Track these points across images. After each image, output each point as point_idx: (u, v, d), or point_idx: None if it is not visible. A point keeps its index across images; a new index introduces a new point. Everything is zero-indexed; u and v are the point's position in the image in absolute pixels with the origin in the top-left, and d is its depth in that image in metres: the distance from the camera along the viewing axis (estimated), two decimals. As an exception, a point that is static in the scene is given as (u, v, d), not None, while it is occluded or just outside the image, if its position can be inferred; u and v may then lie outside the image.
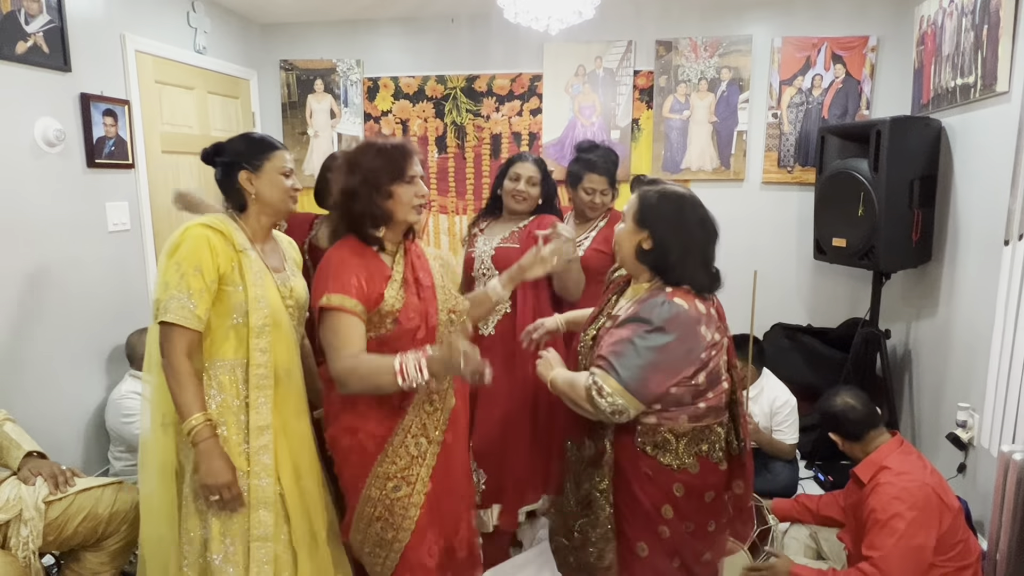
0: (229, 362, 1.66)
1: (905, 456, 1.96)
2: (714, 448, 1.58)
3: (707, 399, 1.54)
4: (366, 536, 1.68)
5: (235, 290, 1.64)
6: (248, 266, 1.66)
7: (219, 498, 1.60)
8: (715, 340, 1.52)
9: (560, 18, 2.51)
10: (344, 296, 1.56)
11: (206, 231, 1.63)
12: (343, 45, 3.88)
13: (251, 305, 1.64)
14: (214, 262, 1.61)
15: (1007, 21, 2.23)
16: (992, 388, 2.25)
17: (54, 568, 2.09)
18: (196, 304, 1.58)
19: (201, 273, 1.59)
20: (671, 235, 1.52)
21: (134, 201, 2.91)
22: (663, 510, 1.55)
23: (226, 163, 1.72)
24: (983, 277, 2.43)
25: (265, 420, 1.66)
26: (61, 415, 2.54)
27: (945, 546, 1.85)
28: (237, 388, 1.66)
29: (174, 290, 1.58)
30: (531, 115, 3.76)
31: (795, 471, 2.91)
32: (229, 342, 1.66)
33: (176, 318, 1.57)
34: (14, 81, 2.32)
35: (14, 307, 2.35)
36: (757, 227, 3.60)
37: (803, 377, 3.28)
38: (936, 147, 2.79)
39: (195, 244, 1.60)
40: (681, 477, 1.54)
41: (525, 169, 2.37)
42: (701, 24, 3.54)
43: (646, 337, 1.46)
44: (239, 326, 1.65)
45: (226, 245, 1.64)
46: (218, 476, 1.58)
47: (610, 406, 1.46)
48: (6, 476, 1.92)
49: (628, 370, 1.46)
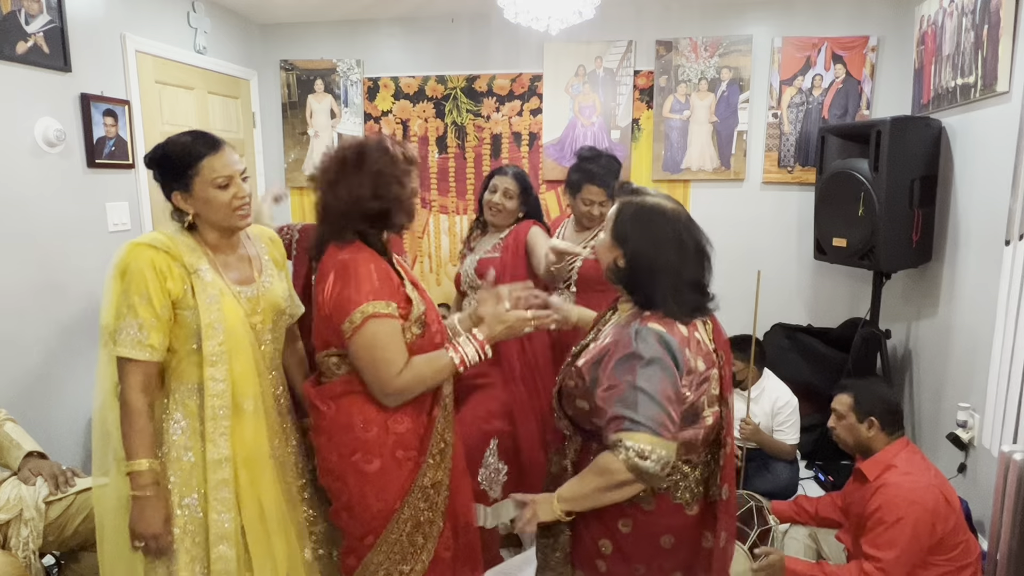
0: (195, 386, 1.54)
1: (911, 456, 1.96)
2: (677, 487, 1.41)
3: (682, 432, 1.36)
4: (388, 558, 1.58)
5: (191, 314, 1.51)
6: (201, 288, 1.51)
7: (144, 545, 1.50)
8: (698, 369, 1.36)
9: (560, 18, 2.52)
10: (383, 302, 1.47)
11: (150, 253, 1.48)
12: (343, 45, 3.88)
13: (204, 332, 1.49)
14: (163, 288, 1.47)
15: (1007, 21, 2.23)
16: (992, 388, 2.25)
17: (54, 568, 2.09)
18: (148, 334, 1.45)
19: (150, 301, 1.45)
20: (643, 254, 1.38)
21: (134, 201, 2.91)
22: (600, 544, 1.43)
23: (160, 181, 1.56)
24: (983, 277, 2.43)
25: (222, 453, 1.53)
26: (61, 415, 2.54)
27: (947, 546, 1.85)
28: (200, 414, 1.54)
29: (123, 320, 1.46)
30: (531, 115, 3.76)
31: (795, 471, 2.91)
32: (193, 366, 1.54)
33: (129, 351, 1.45)
34: (14, 81, 2.32)
35: (14, 307, 2.35)
36: (757, 227, 3.60)
37: (803, 377, 3.28)
38: (936, 147, 2.79)
39: (140, 268, 1.46)
40: (631, 512, 1.39)
41: (502, 182, 2.40)
42: (701, 24, 3.54)
43: (646, 374, 1.29)
44: (198, 351, 1.52)
45: (175, 266, 1.50)
46: (148, 526, 1.48)
47: (657, 463, 1.25)
48: (6, 476, 1.92)
49: (649, 419, 1.27)
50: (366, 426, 1.55)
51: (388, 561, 1.58)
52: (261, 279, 1.65)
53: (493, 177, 2.45)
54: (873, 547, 1.82)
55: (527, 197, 2.42)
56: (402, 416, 1.57)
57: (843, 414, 2.06)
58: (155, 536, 1.49)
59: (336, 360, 1.59)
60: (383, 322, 1.47)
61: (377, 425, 1.55)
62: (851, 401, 2.04)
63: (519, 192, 2.40)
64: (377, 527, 1.57)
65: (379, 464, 1.55)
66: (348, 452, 1.56)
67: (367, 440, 1.55)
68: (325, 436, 1.60)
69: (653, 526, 1.41)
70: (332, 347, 1.58)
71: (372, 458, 1.55)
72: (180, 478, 1.54)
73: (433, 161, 3.89)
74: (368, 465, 1.55)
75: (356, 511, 1.59)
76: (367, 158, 1.53)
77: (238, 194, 1.55)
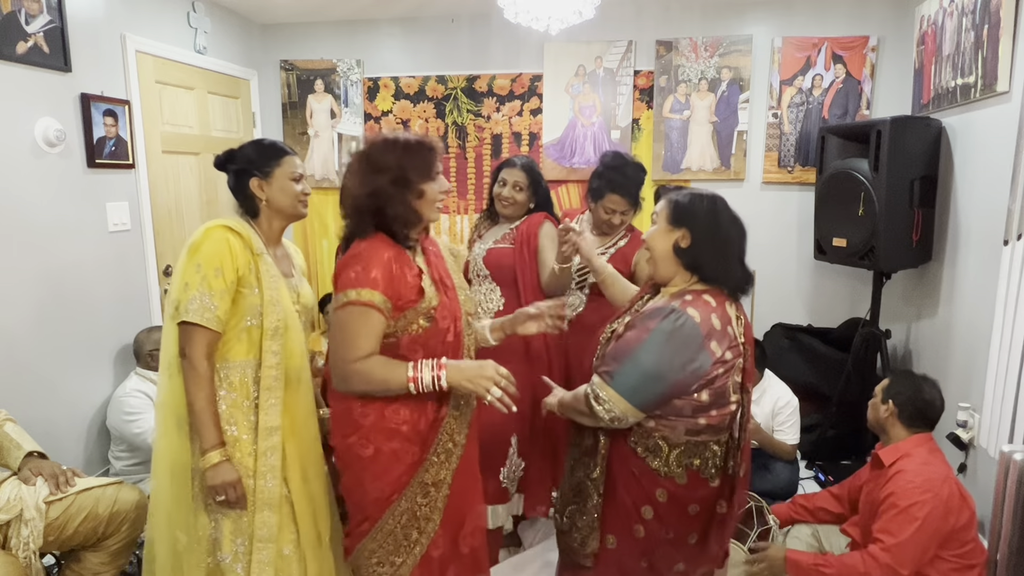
0: (240, 363, 1.67)
1: (932, 451, 1.96)
2: (707, 464, 1.56)
3: (709, 416, 1.51)
4: (381, 546, 1.61)
5: (251, 292, 1.66)
6: (264, 270, 1.68)
7: (224, 498, 1.61)
8: (725, 358, 1.49)
9: (560, 18, 2.52)
10: (373, 291, 1.50)
11: (227, 233, 1.64)
12: (343, 45, 3.88)
13: (266, 308, 1.66)
14: (234, 264, 1.63)
15: (1007, 21, 2.23)
16: (991, 388, 2.25)
17: (54, 568, 2.10)
18: (217, 305, 1.60)
19: (222, 274, 1.61)
20: (709, 232, 1.53)
21: (134, 201, 2.91)
22: (643, 510, 1.56)
23: (237, 170, 1.74)
24: (984, 277, 2.43)
25: (275, 421, 1.67)
26: (62, 415, 2.54)
27: (957, 542, 1.85)
28: (248, 389, 1.67)
29: (195, 290, 1.59)
30: (531, 115, 3.76)
31: (795, 471, 2.91)
32: (241, 344, 1.67)
33: (199, 318, 1.59)
34: (14, 81, 2.32)
35: (14, 307, 2.35)
36: (757, 227, 3.53)
37: (803, 377, 3.28)
38: (936, 147, 2.79)
39: (216, 245, 1.62)
40: (666, 484, 1.54)
41: (511, 175, 2.36)
42: (701, 24, 3.54)
43: (647, 346, 1.45)
44: (252, 328, 1.67)
45: (244, 248, 1.66)
46: (225, 477, 1.61)
47: (607, 413, 1.48)
48: (7, 476, 1.92)
49: (626, 378, 1.46)
50: (364, 412, 1.58)
51: (381, 550, 1.61)
52: (296, 278, 1.84)
53: (502, 170, 2.40)
54: (882, 531, 1.82)
55: (537, 188, 2.38)
56: (399, 407, 1.58)
57: (876, 393, 2.09)
58: (233, 484, 1.62)
59: None
60: (358, 310, 1.50)
61: (374, 412, 1.58)
62: (886, 383, 2.08)
63: (528, 184, 2.36)
64: (373, 514, 1.60)
65: (373, 450, 1.58)
66: (346, 433, 1.61)
67: (364, 426, 1.59)
68: (333, 415, 1.68)
69: (685, 497, 1.56)
70: None
71: (367, 444, 1.59)
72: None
73: (433, 161, 3.88)
74: (363, 450, 1.59)
75: (354, 495, 1.64)
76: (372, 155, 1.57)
77: (304, 189, 1.79)
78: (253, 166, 1.73)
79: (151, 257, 2.99)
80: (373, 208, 1.56)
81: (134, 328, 2.78)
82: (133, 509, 1.99)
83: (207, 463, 1.60)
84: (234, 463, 1.64)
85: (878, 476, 2.00)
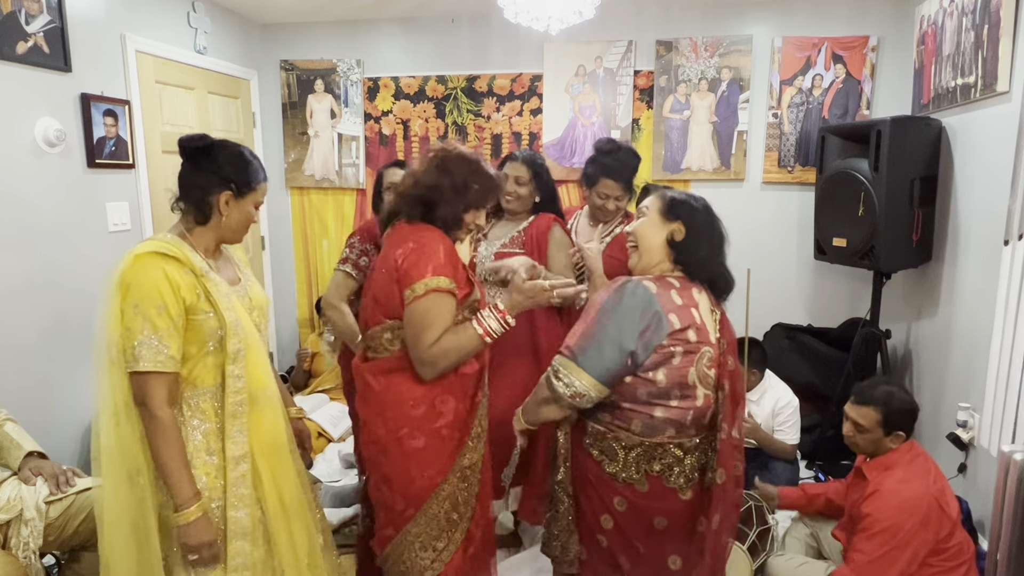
0: (210, 389, 1.55)
1: (914, 460, 1.94)
2: (671, 471, 1.48)
3: (667, 407, 1.45)
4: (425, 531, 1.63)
5: (206, 317, 1.51)
6: (214, 290, 1.52)
7: (198, 558, 1.50)
8: (687, 337, 1.44)
9: (560, 18, 2.52)
10: (446, 278, 1.57)
11: (160, 262, 1.46)
12: (343, 45, 3.88)
13: (227, 331, 1.52)
14: (177, 297, 1.45)
15: (1007, 21, 2.23)
16: (991, 388, 2.25)
17: (54, 568, 2.09)
18: (169, 345, 1.45)
19: (166, 311, 1.44)
20: (705, 228, 1.54)
21: (134, 201, 2.91)
22: (602, 519, 1.53)
23: (212, 173, 1.56)
24: (984, 277, 2.43)
25: (241, 450, 1.56)
26: (61, 415, 2.54)
27: (939, 549, 1.85)
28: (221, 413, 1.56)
29: (139, 335, 1.42)
30: (531, 115, 3.76)
31: (795, 471, 2.91)
32: (207, 369, 1.54)
33: (152, 365, 1.43)
34: (14, 81, 2.32)
35: (14, 307, 2.35)
36: (757, 227, 3.60)
37: (803, 377, 3.28)
38: (936, 147, 2.79)
39: (151, 282, 1.44)
40: (624, 491, 1.49)
41: (513, 168, 2.31)
42: (701, 24, 3.54)
43: (601, 314, 1.45)
44: (215, 351, 1.54)
45: (185, 272, 1.49)
46: (202, 537, 1.49)
47: (566, 388, 1.44)
48: (7, 476, 1.92)
49: (582, 349, 1.44)
50: (415, 404, 1.61)
51: (425, 534, 1.64)
52: (243, 280, 1.70)
53: (504, 165, 2.36)
54: (856, 550, 1.86)
55: (540, 181, 2.32)
56: (448, 396, 1.63)
57: (867, 428, 1.97)
58: (210, 544, 1.50)
59: (390, 336, 1.63)
60: (441, 297, 1.57)
61: (425, 404, 1.61)
62: (879, 417, 1.95)
63: (531, 177, 2.30)
64: (419, 499, 1.63)
65: (424, 442, 1.61)
66: (396, 427, 1.62)
67: (415, 417, 1.61)
68: (375, 409, 1.66)
69: (646, 507, 1.49)
70: (388, 320, 1.63)
71: (418, 435, 1.61)
72: (207, 481, 1.54)
73: (433, 161, 3.88)
74: (413, 441, 1.61)
75: (396, 484, 1.65)
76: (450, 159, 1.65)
77: (257, 217, 1.68)
78: (232, 179, 1.56)
79: (151, 257, 2.99)
80: (427, 200, 1.63)
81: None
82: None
83: (184, 520, 1.46)
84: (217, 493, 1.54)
85: (859, 487, 2.00)
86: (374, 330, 1.66)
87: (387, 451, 1.65)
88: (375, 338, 1.66)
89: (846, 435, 2.05)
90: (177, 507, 1.47)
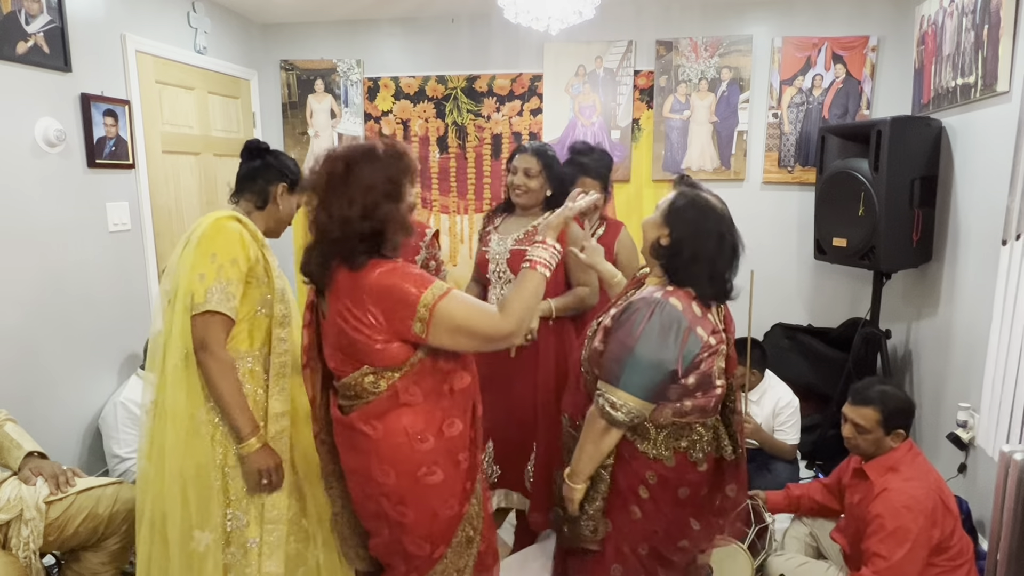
0: (246, 352, 1.71)
1: (914, 459, 1.95)
2: (694, 447, 1.60)
3: (694, 398, 1.56)
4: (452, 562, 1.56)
5: (259, 283, 1.70)
6: (271, 260, 1.73)
7: (267, 481, 1.67)
8: (710, 343, 1.54)
9: (560, 18, 2.52)
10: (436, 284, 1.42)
11: (237, 225, 1.67)
12: (343, 45, 3.88)
13: (276, 297, 1.71)
14: (246, 254, 1.65)
15: (1007, 21, 2.23)
16: (989, 388, 2.25)
17: (54, 568, 2.10)
18: (235, 294, 1.63)
19: (237, 264, 1.63)
20: (687, 239, 1.55)
21: (135, 201, 2.91)
22: (639, 490, 1.60)
23: (274, 167, 1.81)
24: (984, 277, 2.43)
25: (283, 407, 1.72)
26: (62, 415, 2.54)
27: (942, 548, 1.85)
28: (257, 377, 1.72)
29: (212, 280, 1.60)
30: (531, 115, 3.76)
31: (796, 471, 2.91)
32: (246, 334, 1.71)
33: (221, 307, 1.60)
34: (14, 81, 2.32)
35: (14, 307, 2.35)
36: (757, 227, 3.59)
37: (803, 377, 3.28)
38: (936, 147, 2.79)
39: (230, 235, 1.64)
40: (654, 466, 1.58)
41: (522, 161, 2.25)
42: (701, 24, 3.54)
43: (644, 341, 1.49)
44: (260, 317, 1.71)
45: (253, 240, 1.69)
46: (268, 461, 1.67)
47: (627, 415, 1.51)
48: (7, 476, 1.92)
49: (630, 376, 1.49)
50: (423, 437, 1.48)
51: (451, 564, 1.56)
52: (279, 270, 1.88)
53: (514, 158, 2.30)
54: (875, 554, 1.82)
55: (551, 172, 2.24)
56: (453, 419, 1.52)
57: (868, 428, 1.96)
58: (277, 467, 1.68)
59: (372, 379, 1.47)
60: (449, 298, 1.41)
61: (432, 434, 1.49)
62: (879, 416, 1.94)
63: (541, 169, 2.22)
64: (447, 535, 1.53)
65: (442, 474, 1.50)
66: (411, 468, 1.48)
67: (427, 452, 1.48)
68: (377, 459, 1.49)
69: (673, 479, 1.59)
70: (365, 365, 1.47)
71: (436, 469, 1.49)
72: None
73: (434, 161, 3.89)
74: (432, 477, 1.49)
75: (419, 528, 1.51)
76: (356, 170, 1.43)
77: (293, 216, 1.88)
78: (290, 175, 1.81)
79: (151, 257, 2.99)
80: (369, 232, 1.42)
81: (134, 328, 2.78)
82: (133, 509, 1.99)
83: (248, 449, 1.64)
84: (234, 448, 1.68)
85: (861, 488, 2.00)
86: (350, 377, 1.49)
87: (404, 499, 1.49)
88: (352, 387, 1.50)
89: (846, 438, 2.04)
90: (241, 439, 1.64)
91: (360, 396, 1.50)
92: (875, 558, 1.81)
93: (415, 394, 1.48)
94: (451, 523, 1.53)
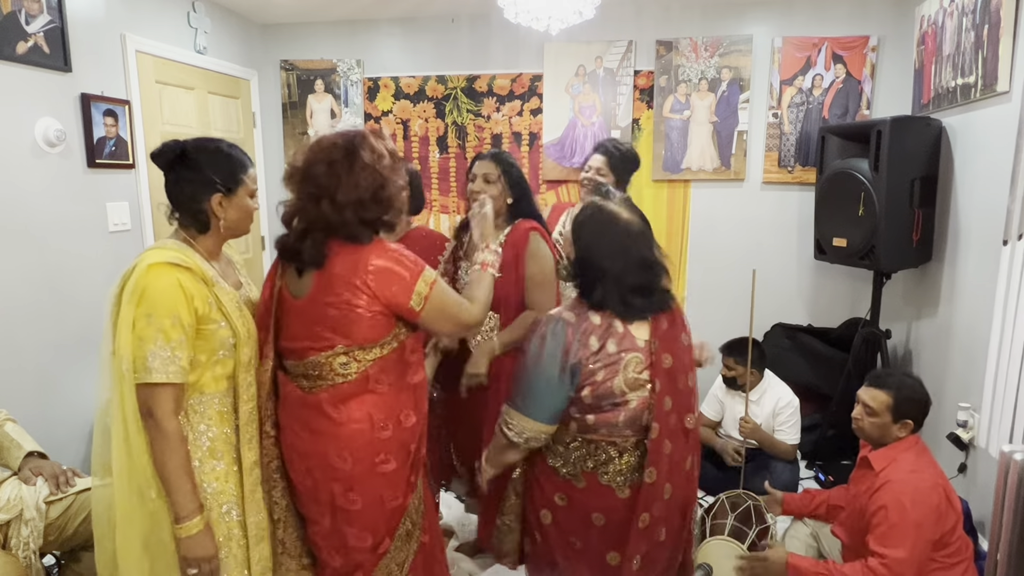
0: (216, 394, 1.53)
1: (920, 453, 1.95)
2: (605, 468, 1.48)
3: (599, 412, 1.45)
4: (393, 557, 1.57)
5: (218, 327, 1.49)
6: (225, 299, 1.51)
7: (197, 572, 1.48)
8: (608, 352, 1.43)
9: (560, 18, 2.52)
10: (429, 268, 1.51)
11: (174, 273, 1.43)
12: (343, 45, 3.88)
13: (240, 341, 1.52)
14: (190, 307, 1.43)
15: (1007, 21, 2.23)
16: (989, 387, 2.25)
17: (54, 568, 2.09)
18: (180, 356, 1.42)
19: (180, 322, 1.41)
20: (589, 256, 1.46)
21: (135, 201, 2.91)
22: (541, 514, 1.56)
23: (196, 180, 1.50)
24: (984, 277, 2.43)
25: (256, 455, 1.57)
26: (61, 415, 2.54)
27: (943, 544, 1.85)
28: (228, 418, 1.55)
29: (151, 344, 1.39)
30: (531, 115, 3.76)
31: (795, 471, 2.91)
32: (214, 375, 1.52)
33: (164, 376, 1.40)
34: (14, 81, 2.32)
35: (14, 307, 2.35)
36: (757, 227, 3.60)
37: (804, 377, 3.28)
38: (936, 147, 2.79)
39: (166, 291, 1.41)
40: (564, 487, 1.52)
41: (480, 167, 2.16)
42: (701, 24, 3.54)
43: (530, 361, 1.46)
44: (224, 360, 1.52)
45: (197, 282, 1.46)
46: (203, 551, 1.47)
47: (518, 435, 1.48)
48: (7, 476, 1.92)
49: (523, 397, 1.47)
50: (385, 425, 1.51)
51: (394, 560, 1.57)
52: (244, 282, 1.69)
53: (473, 165, 2.23)
54: (880, 545, 1.81)
55: (509, 178, 2.14)
56: (409, 411, 1.56)
57: (877, 411, 1.96)
58: (210, 559, 1.48)
59: (344, 360, 1.48)
60: (439, 282, 1.53)
61: (392, 422, 1.52)
62: (890, 401, 1.95)
63: (500, 174, 2.13)
64: (391, 526, 1.55)
65: (395, 464, 1.53)
66: (367, 455, 1.50)
67: (385, 440, 1.51)
68: (335, 443, 1.50)
69: (584, 503, 1.51)
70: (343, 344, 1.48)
71: (390, 458, 1.52)
72: (215, 487, 1.53)
73: (434, 161, 3.89)
74: (386, 465, 1.52)
75: (368, 520, 1.52)
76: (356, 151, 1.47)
77: (256, 205, 1.62)
78: (218, 181, 1.50)
79: (151, 257, 2.99)
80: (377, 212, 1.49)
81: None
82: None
83: (185, 533, 1.44)
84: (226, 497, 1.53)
85: (865, 478, 1.99)
86: (320, 356, 1.49)
87: (355, 485, 1.50)
88: (319, 366, 1.49)
89: (854, 418, 2.05)
90: (178, 519, 1.44)
91: (324, 377, 1.50)
92: (881, 549, 1.80)
93: (382, 382, 1.52)
94: (394, 514, 1.55)
